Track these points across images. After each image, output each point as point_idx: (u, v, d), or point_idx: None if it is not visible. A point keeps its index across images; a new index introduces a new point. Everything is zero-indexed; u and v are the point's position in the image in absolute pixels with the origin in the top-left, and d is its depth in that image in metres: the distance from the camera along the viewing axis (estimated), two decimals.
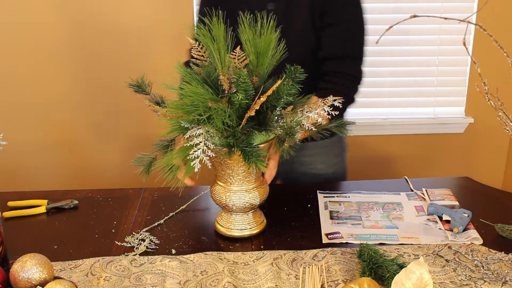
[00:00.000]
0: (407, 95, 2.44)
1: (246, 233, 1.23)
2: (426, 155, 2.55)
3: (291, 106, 1.12)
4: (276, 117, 1.13)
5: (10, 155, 2.32)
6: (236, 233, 1.23)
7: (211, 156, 1.05)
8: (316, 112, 1.12)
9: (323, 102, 1.14)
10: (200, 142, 1.05)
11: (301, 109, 1.15)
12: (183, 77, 1.11)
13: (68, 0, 2.17)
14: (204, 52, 1.15)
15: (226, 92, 1.10)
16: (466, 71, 2.42)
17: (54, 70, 2.27)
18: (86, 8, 2.19)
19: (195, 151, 1.04)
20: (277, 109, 1.12)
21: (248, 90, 1.06)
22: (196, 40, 1.16)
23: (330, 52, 1.42)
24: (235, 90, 1.08)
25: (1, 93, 2.28)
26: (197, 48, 1.15)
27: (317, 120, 1.13)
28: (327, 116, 1.14)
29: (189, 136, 1.07)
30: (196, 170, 1.04)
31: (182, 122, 1.08)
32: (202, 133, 1.06)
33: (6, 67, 2.25)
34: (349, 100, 1.43)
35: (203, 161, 1.04)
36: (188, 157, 1.05)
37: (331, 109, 1.13)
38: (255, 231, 1.24)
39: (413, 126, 2.48)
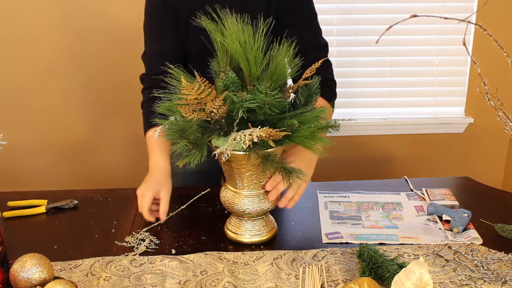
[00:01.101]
0: (407, 95, 2.44)
1: (256, 239, 1.21)
2: (426, 155, 2.55)
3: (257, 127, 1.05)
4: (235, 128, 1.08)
5: (10, 155, 2.32)
6: (245, 239, 1.21)
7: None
8: (249, 133, 1.03)
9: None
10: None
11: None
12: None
13: (69, 0, 2.18)
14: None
15: None
16: (466, 71, 2.42)
17: (54, 70, 2.27)
18: (87, 8, 2.19)
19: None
20: (236, 121, 1.07)
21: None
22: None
23: (301, 47, 1.27)
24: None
25: (1, 93, 2.28)
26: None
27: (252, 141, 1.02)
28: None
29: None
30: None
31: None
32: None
33: (6, 67, 2.25)
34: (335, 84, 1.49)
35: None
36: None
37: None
38: (265, 237, 1.21)
39: (413, 126, 2.48)
